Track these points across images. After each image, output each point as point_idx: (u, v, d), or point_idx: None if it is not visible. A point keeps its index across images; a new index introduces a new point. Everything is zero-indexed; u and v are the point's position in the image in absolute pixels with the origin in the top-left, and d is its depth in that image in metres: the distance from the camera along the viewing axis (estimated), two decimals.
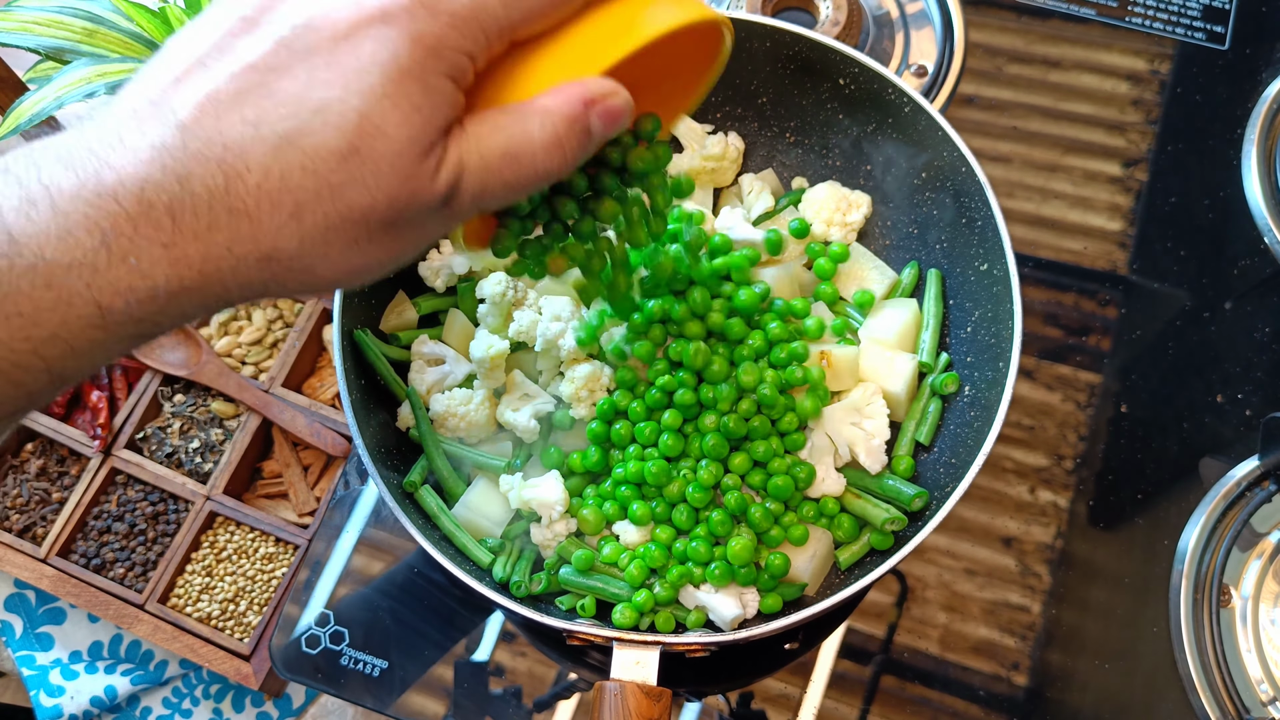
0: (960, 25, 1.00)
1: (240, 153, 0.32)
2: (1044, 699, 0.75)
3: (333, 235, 0.34)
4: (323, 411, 0.93)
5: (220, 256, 0.33)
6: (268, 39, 0.33)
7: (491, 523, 0.70)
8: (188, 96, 0.33)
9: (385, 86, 0.33)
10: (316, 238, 0.34)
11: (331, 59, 0.33)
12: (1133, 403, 0.84)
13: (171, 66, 0.34)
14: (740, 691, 0.76)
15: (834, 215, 0.78)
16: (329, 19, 0.34)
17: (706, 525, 0.67)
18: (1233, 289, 0.88)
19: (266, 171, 0.32)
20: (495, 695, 0.76)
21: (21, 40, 0.75)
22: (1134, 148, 0.95)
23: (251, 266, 0.33)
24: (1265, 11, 1.00)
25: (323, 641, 0.77)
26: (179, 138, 0.32)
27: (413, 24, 0.34)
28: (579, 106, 0.38)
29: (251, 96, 0.33)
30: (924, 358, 0.73)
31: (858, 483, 0.70)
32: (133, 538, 0.92)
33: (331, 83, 0.33)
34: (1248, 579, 0.77)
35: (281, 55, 0.33)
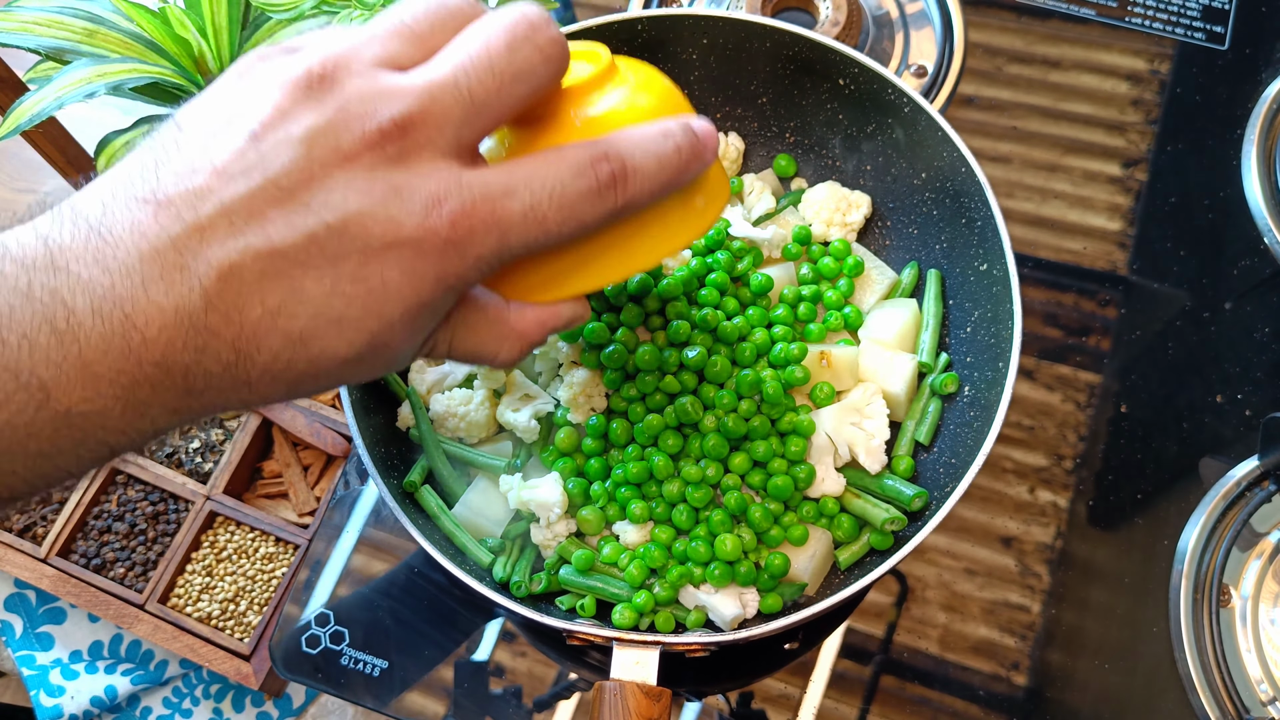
0: (960, 25, 1.00)
1: (254, 338, 0.34)
2: (1044, 699, 0.75)
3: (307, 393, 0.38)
4: (323, 411, 0.94)
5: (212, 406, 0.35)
6: (301, 229, 0.34)
7: (491, 523, 0.70)
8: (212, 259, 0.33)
9: (403, 317, 0.36)
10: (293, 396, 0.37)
11: (358, 276, 0.34)
12: (1133, 403, 0.84)
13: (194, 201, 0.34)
14: (740, 691, 0.76)
15: (834, 215, 0.78)
16: (365, 231, 0.34)
17: (706, 525, 0.67)
18: (1233, 289, 0.88)
19: (275, 357, 0.34)
20: (495, 695, 0.76)
21: (21, 40, 0.75)
22: (1134, 148, 0.95)
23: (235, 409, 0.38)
24: (1265, 11, 1.00)
25: (323, 641, 0.77)
26: (201, 306, 0.33)
27: (442, 263, 0.36)
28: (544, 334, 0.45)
29: (274, 285, 0.34)
30: (924, 358, 0.73)
31: (857, 483, 0.70)
32: (133, 537, 0.92)
33: (353, 299, 0.35)
34: (1248, 579, 0.77)
35: (312, 253, 0.34)
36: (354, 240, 0.34)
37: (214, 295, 0.33)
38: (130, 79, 0.76)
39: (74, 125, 1.00)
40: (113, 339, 0.32)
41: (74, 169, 1.01)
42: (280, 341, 0.34)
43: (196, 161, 0.34)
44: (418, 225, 0.35)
